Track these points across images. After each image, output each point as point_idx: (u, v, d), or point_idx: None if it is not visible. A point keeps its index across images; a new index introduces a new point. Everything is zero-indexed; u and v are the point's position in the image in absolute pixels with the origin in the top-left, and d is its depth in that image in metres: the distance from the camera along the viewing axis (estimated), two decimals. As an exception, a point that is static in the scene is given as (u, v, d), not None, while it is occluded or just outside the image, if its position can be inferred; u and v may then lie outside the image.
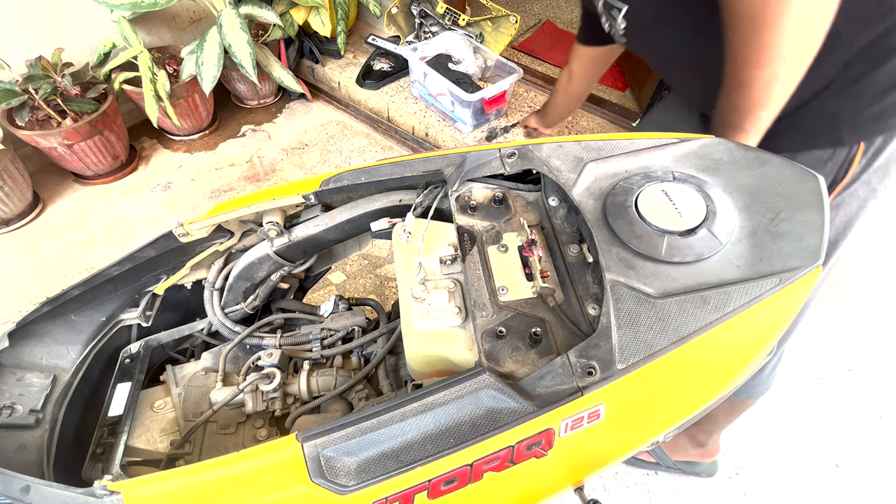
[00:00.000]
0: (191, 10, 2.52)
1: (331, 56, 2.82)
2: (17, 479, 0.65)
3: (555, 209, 0.86)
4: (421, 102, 2.57)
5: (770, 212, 0.72)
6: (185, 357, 1.16)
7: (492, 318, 0.72)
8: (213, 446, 0.95)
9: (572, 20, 3.48)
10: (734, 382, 0.69)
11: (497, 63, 2.43)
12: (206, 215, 0.96)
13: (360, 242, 1.17)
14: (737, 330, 0.64)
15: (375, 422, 0.62)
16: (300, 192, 0.94)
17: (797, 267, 0.65)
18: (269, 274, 1.07)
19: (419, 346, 0.75)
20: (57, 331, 0.96)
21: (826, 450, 1.67)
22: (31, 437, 0.85)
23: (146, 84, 2.10)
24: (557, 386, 0.62)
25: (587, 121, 2.55)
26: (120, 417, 0.94)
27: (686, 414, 0.69)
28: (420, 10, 2.62)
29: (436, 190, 0.93)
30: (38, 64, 1.95)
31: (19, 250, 2.06)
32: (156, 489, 0.62)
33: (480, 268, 0.78)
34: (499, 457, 0.61)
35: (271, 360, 0.98)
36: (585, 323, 0.71)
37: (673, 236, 0.70)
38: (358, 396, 0.99)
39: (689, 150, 0.82)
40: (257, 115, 2.78)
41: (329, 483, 0.60)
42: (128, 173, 2.40)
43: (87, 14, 2.17)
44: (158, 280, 1.05)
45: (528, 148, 0.86)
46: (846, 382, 1.85)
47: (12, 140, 1.99)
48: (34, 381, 0.90)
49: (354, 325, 1.08)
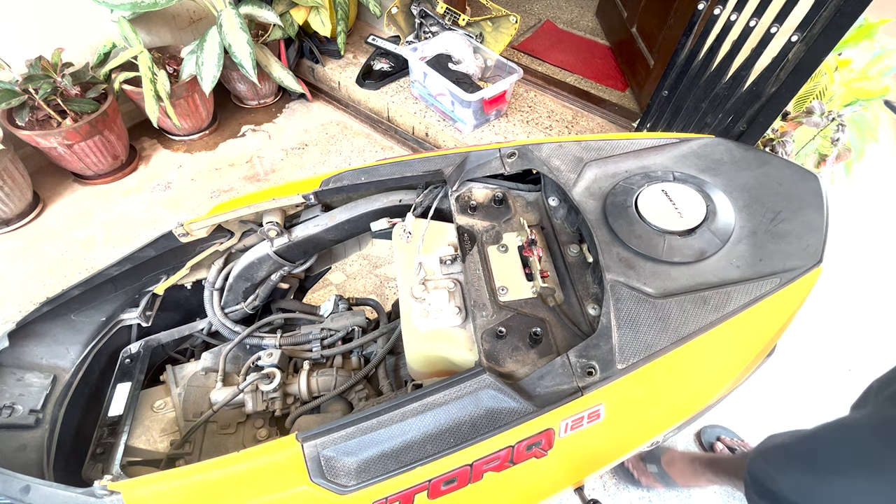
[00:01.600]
0: (191, 10, 2.52)
1: (331, 56, 2.82)
2: (17, 479, 0.65)
3: (555, 209, 0.86)
4: (421, 102, 2.57)
5: (770, 212, 0.72)
6: (185, 357, 1.16)
7: (492, 318, 0.72)
8: (213, 446, 0.95)
9: (572, 20, 3.48)
10: (734, 382, 0.69)
11: (497, 63, 2.42)
12: (206, 215, 0.96)
13: (360, 242, 1.17)
14: (737, 330, 0.64)
15: (375, 422, 0.62)
16: (300, 192, 0.94)
17: (797, 267, 0.65)
18: (269, 274, 1.07)
19: (419, 346, 0.75)
20: (57, 331, 0.96)
21: (826, 450, 1.67)
22: (31, 437, 0.85)
23: (146, 84, 2.10)
24: (557, 386, 0.62)
25: (587, 121, 2.55)
26: (120, 417, 0.94)
27: (686, 414, 0.69)
28: (420, 10, 2.62)
29: (436, 190, 0.93)
30: (38, 64, 1.95)
31: (19, 250, 2.06)
32: (156, 489, 0.62)
33: (480, 268, 0.78)
34: (499, 457, 0.61)
35: (271, 360, 0.98)
36: (585, 323, 0.71)
37: (673, 236, 0.70)
38: (358, 396, 0.99)
39: (689, 150, 0.82)
40: (257, 115, 2.78)
41: (329, 483, 0.60)
42: (128, 173, 2.40)
43: (87, 14, 2.17)
44: (158, 280, 1.05)
45: (528, 148, 0.86)
46: (846, 382, 1.85)
47: (12, 140, 1.99)
48: (34, 381, 0.90)
49: (354, 325, 1.08)
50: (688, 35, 1.85)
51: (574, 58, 3.07)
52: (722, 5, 1.70)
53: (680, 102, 2.01)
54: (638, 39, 2.75)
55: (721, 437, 1.59)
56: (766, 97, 1.76)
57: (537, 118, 2.52)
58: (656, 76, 2.42)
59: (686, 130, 2.06)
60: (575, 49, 3.16)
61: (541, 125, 2.48)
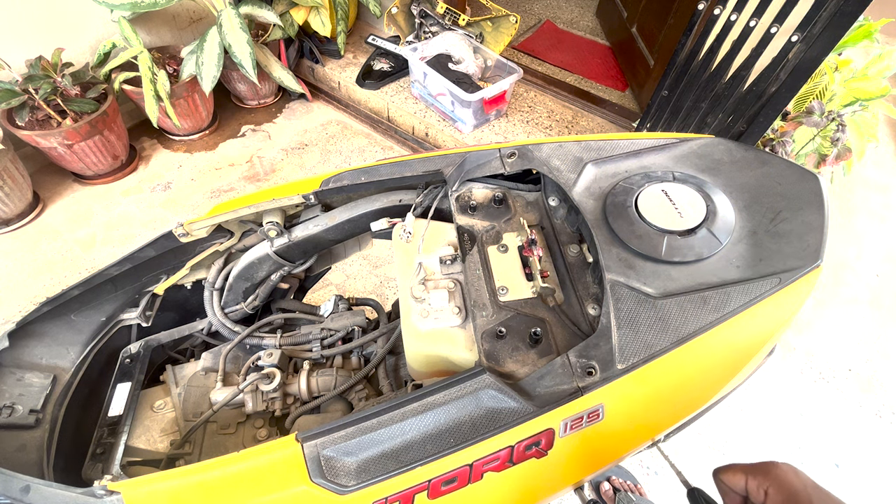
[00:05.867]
0: (191, 10, 2.52)
1: (331, 56, 2.82)
2: (17, 479, 0.65)
3: (555, 209, 0.86)
4: (421, 102, 2.57)
5: (770, 212, 0.72)
6: (185, 357, 1.16)
7: (492, 318, 0.72)
8: (213, 446, 0.95)
9: (572, 20, 3.48)
10: (734, 383, 0.69)
11: (497, 63, 2.42)
12: (206, 215, 0.96)
13: (360, 242, 1.17)
14: (737, 330, 0.64)
15: (375, 422, 0.62)
16: (300, 192, 0.94)
17: (797, 267, 0.65)
18: (269, 274, 1.07)
19: (419, 346, 0.75)
20: (57, 331, 0.96)
21: (826, 450, 1.67)
22: (31, 437, 0.85)
23: (146, 84, 2.10)
24: (557, 386, 0.62)
25: (587, 121, 2.55)
26: (120, 417, 0.94)
27: (686, 414, 0.69)
28: (420, 10, 2.62)
29: (436, 190, 0.93)
30: (38, 64, 1.95)
31: (19, 250, 2.06)
32: (156, 489, 0.62)
33: (480, 268, 0.78)
34: (499, 457, 0.61)
35: (271, 360, 0.98)
36: (585, 323, 0.71)
37: (673, 236, 0.70)
38: (358, 396, 0.99)
39: (689, 150, 0.82)
40: (257, 115, 2.78)
41: (329, 483, 0.60)
42: (128, 173, 2.40)
43: (87, 14, 2.17)
44: (158, 280, 1.05)
45: (527, 148, 0.86)
46: (846, 382, 1.85)
47: (12, 140, 1.99)
48: (34, 381, 0.90)
49: (354, 325, 1.08)
50: (688, 35, 1.86)
51: (574, 58, 3.07)
52: (722, 5, 1.70)
53: (680, 102, 2.01)
54: (638, 39, 2.75)
55: (611, 477, 1.52)
56: (766, 97, 1.76)
57: (537, 118, 2.52)
58: (656, 76, 2.42)
59: (686, 130, 2.06)
60: (575, 49, 3.16)
61: (541, 125, 2.48)
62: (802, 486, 0.47)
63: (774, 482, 0.48)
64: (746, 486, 0.50)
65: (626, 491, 1.47)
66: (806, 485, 0.48)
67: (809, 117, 1.93)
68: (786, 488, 0.48)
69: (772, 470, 0.49)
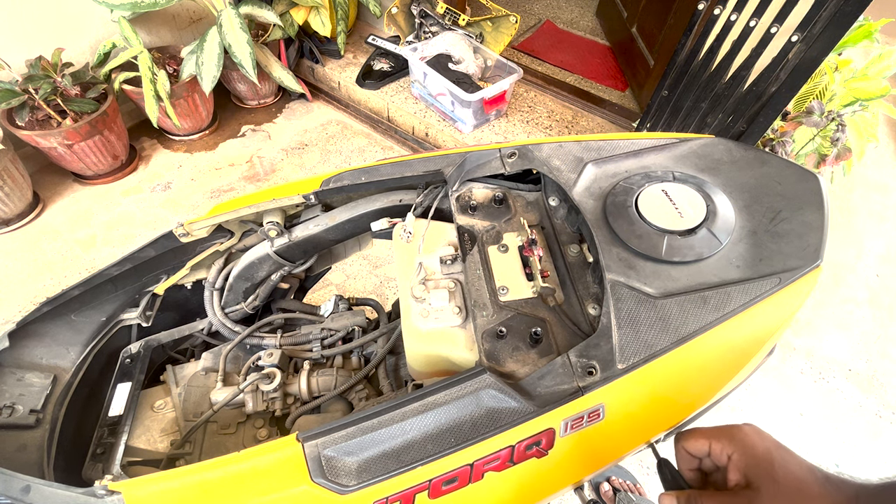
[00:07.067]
0: (191, 10, 2.52)
1: (331, 56, 2.82)
2: (18, 479, 0.65)
3: (555, 209, 0.86)
4: (421, 102, 2.57)
5: (770, 212, 0.72)
6: (185, 357, 1.16)
7: (492, 317, 0.72)
8: (213, 446, 0.95)
9: (572, 20, 3.48)
10: (734, 382, 0.69)
11: (497, 63, 2.43)
12: (206, 215, 0.96)
13: (360, 242, 1.17)
14: (737, 330, 0.64)
15: (376, 422, 0.62)
16: (300, 192, 0.94)
17: (797, 267, 0.66)
18: (269, 274, 1.07)
19: (419, 346, 0.75)
20: (57, 331, 0.96)
21: (826, 450, 1.67)
22: (31, 437, 0.85)
23: (146, 84, 2.10)
24: (558, 386, 0.62)
25: (587, 121, 2.55)
26: (120, 417, 0.94)
27: (686, 413, 0.69)
28: (420, 10, 2.62)
29: (436, 190, 0.93)
30: (38, 64, 1.95)
31: (19, 250, 2.06)
32: (156, 489, 0.62)
33: (481, 268, 0.78)
34: (499, 457, 0.61)
35: (271, 360, 0.98)
36: (586, 323, 0.71)
37: (673, 236, 0.70)
38: (358, 396, 0.99)
39: (689, 150, 0.82)
40: (257, 115, 2.78)
41: (330, 483, 0.60)
42: (128, 173, 2.40)
43: (87, 14, 2.17)
44: (158, 280, 1.05)
45: (528, 148, 0.86)
46: (846, 382, 1.85)
47: (12, 140, 1.99)
48: (34, 381, 0.90)
49: (354, 325, 1.08)
50: (688, 35, 1.86)
51: (574, 58, 3.07)
52: (722, 5, 1.70)
53: (680, 102, 2.01)
54: (638, 39, 2.76)
55: (611, 477, 1.51)
56: (766, 97, 1.76)
57: (537, 118, 2.52)
58: (656, 76, 2.42)
59: (686, 130, 2.06)
60: (575, 49, 3.16)
61: (541, 125, 2.49)
62: (765, 448, 0.47)
63: (739, 446, 0.48)
64: (710, 450, 0.49)
65: (626, 491, 1.47)
66: (769, 446, 0.47)
67: (809, 117, 1.93)
68: (749, 451, 0.47)
69: (735, 433, 0.49)
